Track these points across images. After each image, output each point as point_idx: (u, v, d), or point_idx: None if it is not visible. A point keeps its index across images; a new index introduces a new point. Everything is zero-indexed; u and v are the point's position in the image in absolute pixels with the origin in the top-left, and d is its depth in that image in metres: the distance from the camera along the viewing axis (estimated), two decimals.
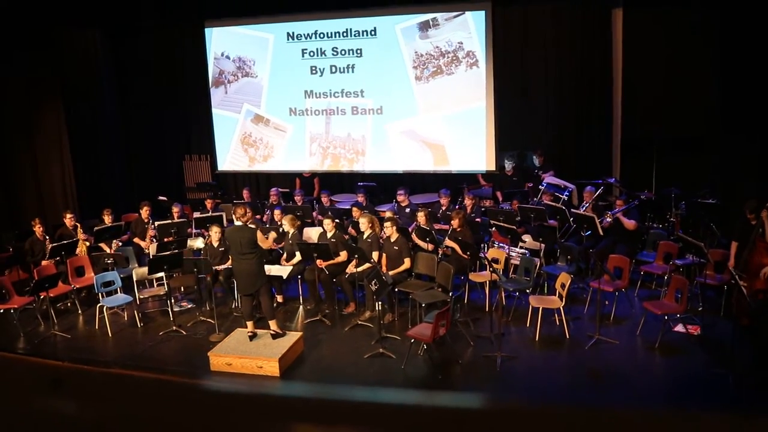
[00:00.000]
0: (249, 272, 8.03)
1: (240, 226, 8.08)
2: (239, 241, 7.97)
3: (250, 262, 7.99)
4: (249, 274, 8.05)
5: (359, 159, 13.88)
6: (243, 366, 7.57)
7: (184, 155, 15.46)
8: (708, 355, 7.46)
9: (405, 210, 11.12)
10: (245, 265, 8.03)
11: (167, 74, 14.92)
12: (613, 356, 7.55)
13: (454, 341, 8.00)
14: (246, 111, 14.43)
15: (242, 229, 8.04)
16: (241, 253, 8.00)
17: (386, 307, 8.88)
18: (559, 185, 11.22)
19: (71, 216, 10.76)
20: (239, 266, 8.12)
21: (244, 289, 8.18)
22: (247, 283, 8.10)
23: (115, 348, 8.61)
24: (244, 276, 8.09)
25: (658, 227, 10.61)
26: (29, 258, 10.23)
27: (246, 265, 8.02)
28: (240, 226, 8.07)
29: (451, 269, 8.44)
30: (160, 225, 10.58)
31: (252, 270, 8.03)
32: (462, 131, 13.03)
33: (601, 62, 12.26)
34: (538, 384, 7.10)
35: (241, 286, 8.25)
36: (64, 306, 9.97)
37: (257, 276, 8.10)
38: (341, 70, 13.59)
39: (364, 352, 7.90)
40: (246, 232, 8.00)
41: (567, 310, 8.28)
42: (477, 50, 12.60)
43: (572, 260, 9.37)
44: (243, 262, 8.03)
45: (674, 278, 7.99)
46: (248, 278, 8.06)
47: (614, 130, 12.45)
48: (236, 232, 8.06)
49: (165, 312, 9.44)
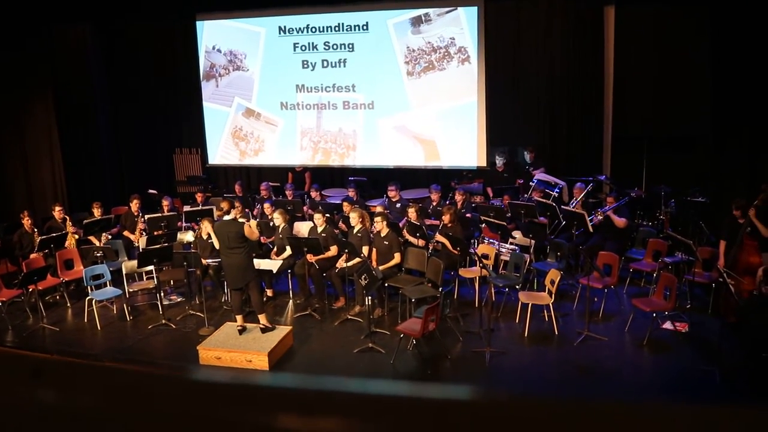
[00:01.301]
0: (238, 266, 8.02)
1: (228, 220, 8.06)
2: (227, 235, 7.96)
3: (238, 256, 7.98)
4: (238, 268, 8.03)
5: (350, 154, 13.87)
6: (232, 360, 7.56)
7: (174, 149, 15.40)
8: (695, 352, 7.52)
9: (396, 205, 11.12)
10: (234, 259, 8.01)
11: (158, 67, 14.84)
12: (601, 353, 7.58)
13: (444, 336, 8.01)
14: (237, 105, 14.38)
15: (230, 223, 8.03)
16: (229, 247, 7.98)
17: (376, 301, 8.89)
18: (549, 182, 11.25)
19: (60, 209, 10.72)
20: (228, 260, 8.10)
21: (234, 283, 8.17)
22: (236, 277, 8.09)
23: (104, 341, 8.59)
24: (234, 270, 8.08)
25: (647, 225, 10.67)
26: (18, 251, 10.18)
27: (235, 259, 8.00)
28: (228, 221, 8.06)
29: (441, 264, 8.45)
30: (150, 218, 10.55)
31: (241, 264, 8.01)
32: (453, 127, 13.04)
33: (593, 59, 12.27)
34: (526, 379, 7.14)
35: (231, 280, 8.25)
36: (52, 299, 9.93)
37: (246, 270, 8.09)
38: (333, 65, 13.56)
39: (353, 347, 7.91)
40: (234, 226, 7.98)
41: (556, 307, 8.31)
42: (469, 46, 12.60)
43: (562, 257, 9.40)
44: (232, 256, 8.01)
45: (663, 276, 8.03)
46: (237, 272, 8.05)
47: (605, 127, 12.46)
48: (224, 226, 8.06)
49: (154, 305, 9.42)
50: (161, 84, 14.90)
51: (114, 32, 14.77)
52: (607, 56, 12.21)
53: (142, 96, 14.97)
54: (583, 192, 10.31)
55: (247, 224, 8.11)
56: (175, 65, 14.85)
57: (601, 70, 12.29)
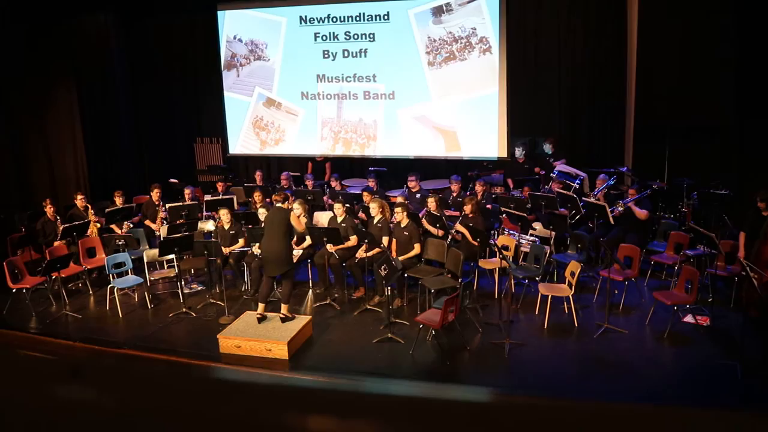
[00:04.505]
0: (277, 254, 8.01)
1: (278, 206, 8.17)
2: (272, 221, 8.05)
3: (279, 244, 7.99)
4: (277, 257, 8.02)
5: (370, 144, 13.86)
6: (252, 349, 7.61)
7: (195, 138, 15.49)
8: (717, 346, 7.44)
9: (416, 195, 11.11)
10: (274, 247, 8.01)
11: (179, 57, 14.93)
12: (621, 346, 7.54)
13: (463, 328, 8.00)
14: (258, 94, 14.41)
15: (279, 209, 8.13)
16: (271, 233, 8.04)
17: (395, 292, 8.90)
18: (570, 173, 11.17)
19: (82, 197, 10.82)
20: (268, 247, 8.10)
21: (271, 270, 8.16)
22: (275, 265, 8.08)
23: (125, 329, 8.69)
24: (273, 257, 8.07)
25: (669, 217, 10.56)
26: (41, 239, 10.30)
27: (275, 246, 8.00)
28: (278, 207, 8.17)
29: (461, 255, 8.43)
30: (171, 207, 10.62)
31: (280, 253, 8.01)
32: (474, 117, 12.97)
33: (616, 49, 12.15)
34: (545, 372, 7.11)
35: (269, 268, 8.20)
36: (75, 286, 10.05)
37: (285, 260, 8.08)
38: (354, 55, 13.54)
39: (372, 337, 7.93)
40: (280, 213, 8.06)
41: (576, 299, 8.26)
42: (490, 36, 12.51)
43: (582, 249, 9.35)
44: (272, 243, 8.03)
45: (684, 269, 7.95)
46: (276, 260, 8.04)
47: (627, 118, 12.35)
48: (273, 212, 8.17)
49: (175, 294, 9.50)
50: (182, 74, 14.99)
51: (135, 22, 14.85)
52: (630, 45, 12.07)
53: (164, 86, 15.07)
54: (605, 183, 10.24)
55: (294, 213, 8.15)
56: (196, 55, 14.93)
57: (623, 59, 12.16)
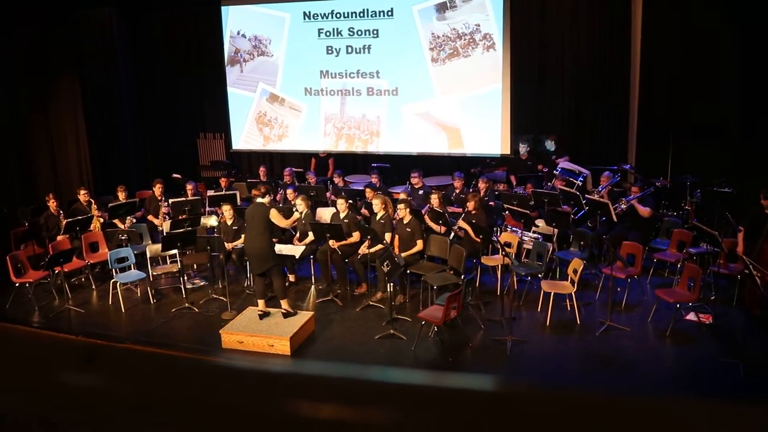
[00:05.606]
0: (259, 251, 8.00)
1: (259, 202, 8.09)
2: (253, 216, 8.01)
3: (260, 241, 7.96)
4: (259, 253, 8.02)
5: (374, 140, 13.86)
6: (254, 344, 7.62)
7: (198, 133, 15.51)
8: (719, 344, 7.44)
9: (418, 192, 11.10)
10: (255, 244, 8.01)
11: (183, 52, 14.94)
12: (623, 343, 7.53)
13: (465, 324, 8.01)
14: (261, 90, 14.41)
15: (259, 205, 8.05)
16: (252, 230, 8.02)
17: (398, 288, 8.90)
18: (573, 170, 11.16)
19: (85, 192, 10.84)
20: (250, 244, 8.13)
21: (257, 268, 8.19)
22: (259, 261, 8.10)
23: (128, 323, 8.71)
24: (255, 254, 8.09)
25: (672, 215, 10.55)
26: (44, 233, 10.32)
27: (256, 243, 8.00)
28: (258, 203, 8.09)
29: (464, 252, 8.43)
30: (174, 202, 10.64)
31: (262, 249, 7.99)
32: (477, 114, 12.96)
33: (620, 46, 12.13)
34: (547, 369, 7.11)
35: (254, 265, 8.28)
36: (78, 281, 10.07)
37: (267, 256, 8.05)
38: (357, 51, 13.53)
39: (374, 333, 7.94)
40: (261, 209, 8.00)
41: (578, 296, 8.24)
42: (494, 33, 12.50)
43: (585, 246, 9.34)
44: (254, 240, 8.03)
45: (687, 266, 7.93)
46: (258, 257, 8.06)
47: (631, 115, 12.34)
48: (254, 208, 8.11)
49: (177, 289, 9.50)
50: (186, 69, 14.98)
51: (139, 17, 14.86)
52: (634, 43, 12.05)
53: (167, 80, 15.07)
54: (610, 180, 10.23)
55: (275, 210, 8.13)
56: (199, 50, 14.94)
57: (627, 57, 12.14)
